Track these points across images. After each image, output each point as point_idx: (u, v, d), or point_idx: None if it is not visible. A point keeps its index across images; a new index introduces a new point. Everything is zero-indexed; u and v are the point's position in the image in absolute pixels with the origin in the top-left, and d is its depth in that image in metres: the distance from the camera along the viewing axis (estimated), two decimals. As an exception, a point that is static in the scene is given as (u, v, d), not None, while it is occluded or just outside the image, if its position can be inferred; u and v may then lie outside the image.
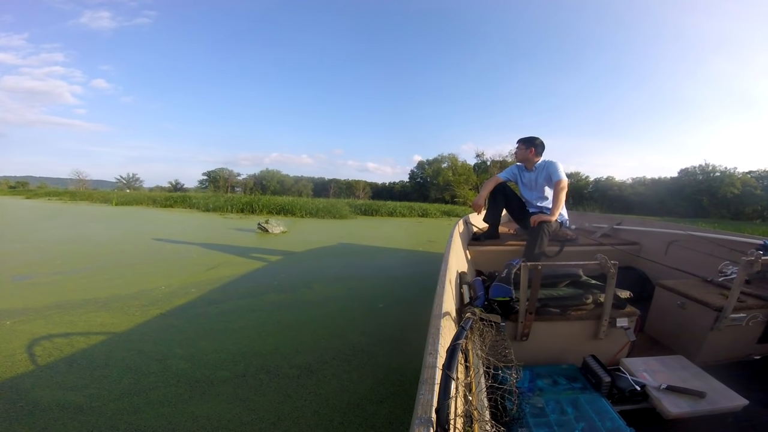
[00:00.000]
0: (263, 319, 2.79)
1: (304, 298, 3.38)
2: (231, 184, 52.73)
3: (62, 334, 2.35)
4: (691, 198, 35.12)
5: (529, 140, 2.60)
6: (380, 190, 53.92)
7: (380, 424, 1.58)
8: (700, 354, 1.48)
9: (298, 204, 15.90)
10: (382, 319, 2.92)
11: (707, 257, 2.10)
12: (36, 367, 1.94)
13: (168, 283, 3.65)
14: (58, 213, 12.27)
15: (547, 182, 2.56)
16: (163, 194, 21.46)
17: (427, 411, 0.51)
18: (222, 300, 3.20)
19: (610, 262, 1.33)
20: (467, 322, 0.85)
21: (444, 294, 1.00)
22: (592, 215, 4.33)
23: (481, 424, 0.65)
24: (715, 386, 1.19)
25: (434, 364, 0.62)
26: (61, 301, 3.01)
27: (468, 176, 37.96)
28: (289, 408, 1.67)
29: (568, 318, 1.41)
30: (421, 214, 18.71)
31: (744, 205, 33.82)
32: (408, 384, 1.91)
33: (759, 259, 1.42)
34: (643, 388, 1.17)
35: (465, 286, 1.48)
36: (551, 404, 1.10)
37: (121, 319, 2.66)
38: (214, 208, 15.71)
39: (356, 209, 17.56)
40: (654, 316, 1.78)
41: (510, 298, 1.36)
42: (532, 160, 2.60)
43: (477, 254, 2.52)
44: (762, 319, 1.49)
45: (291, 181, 55.68)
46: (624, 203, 36.66)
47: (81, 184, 45.10)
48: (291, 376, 1.95)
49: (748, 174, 35.58)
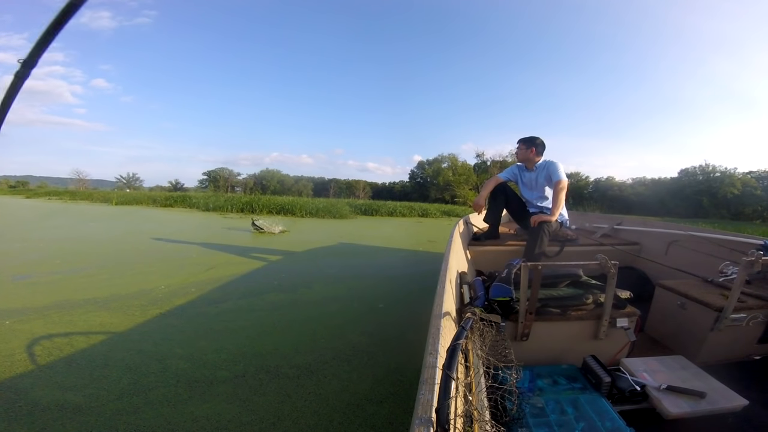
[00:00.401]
0: (263, 318, 2.79)
1: (304, 298, 3.37)
2: (231, 184, 52.73)
3: (61, 334, 2.35)
4: (691, 198, 35.13)
5: (529, 140, 2.59)
6: (380, 190, 53.92)
7: (380, 425, 1.58)
8: (701, 354, 1.48)
9: (299, 204, 15.91)
10: (383, 319, 2.92)
11: (707, 257, 2.09)
12: (35, 366, 1.93)
13: (168, 283, 3.65)
14: (58, 212, 12.27)
15: (547, 182, 2.56)
16: (163, 194, 21.46)
17: (427, 411, 0.51)
18: (222, 300, 3.19)
19: (610, 263, 1.33)
20: (467, 322, 0.85)
21: (444, 294, 1.00)
22: (592, 215, 4.33)
23: (481, 424, 0.65)
24: (715, 386, 1.19)
25: (434, 364, 0.62)
26: (61, 300, 3.01)
27: (468, 176, 37.95)
28: (288, 408, 1.66)
29: (568, 318, 1.40)
30: (421, 214, 18.72)
31: (744, 206, 33.83)
32: (408, 384, 1.91)
33: (759, 259, 1.41)
34: (643, 388, 1.17)
35: (465, 286, 1.48)
36: (551, 404, 1.10)
37: (121, 318, 2.66)
38: (214, 208, 15.72)
39: (356, 209, 17.57)
40: (654, 317, 1.78)
41: (510, 298, 1.36)
42: (532, 160, 2.60)
43: (477, 254, 2.52)
44: (762, 319, 1.49)
45: (291, 180, 55.66)
46: (624, 203, 36.68)
47: (81, 184, 45.12)
48: (291, 376, 1.95)
49: (749, 174, 35.59)
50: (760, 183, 34.90)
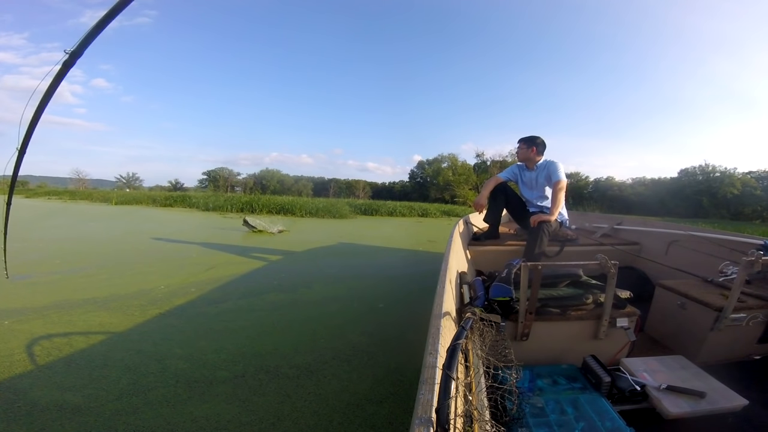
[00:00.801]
0: (263, 318, 2.79)
1: (304, 298, 3.37)
2: (231, 184, 52.70)
3: (61, 334, 2.35)
4: (691, 198, 35.13)
5: (530, 139, 2.59)
6: (380, 190, 53.88)
7: (380, 425, 1.57)
8: (700, 354, 1.48)
9: (298, 203, 15.91)
10: (383, 319, 2.92)
11: (707, 257, 2.09)
12: (34, 367, 1.93)
13: (167, 283, 3.65)
14: (58, 212, 12.27)
15: (547, 182, 2.56)
16: (162, 194, 21.46)
17: (427, 411, 0.51)
18: (221, 300, 3.19)
19: (610, 262, 1.33)
20: (467, 322, 0.85)
21: (444, 294, 1.00)
22: (592, 215, 4.33)
23: (481, 424, 0.65)
24: (715, 386, 1.19)
25: (434, 364, 0.62)
26: (60, 300, 3.00)
27: (468, 176, 37.95)
28: (288, 408, 1.66)
29: (568, 318, 1.40)
30: (421, 213, 18.72)
31: (744, 206, 33.83)
32: (408, 384, 1.91)
33: (759, 259, 1.41)
34: (643, 388, 1.17)
35: (465, 286, 1.48)
36: (551, 404, 1.10)
37: (120, 318, 2.66)
38: (213, 208, 15.73)
39: (356, 209, 17.57)
40: (654, 316, 1.78)
41: (510, 298, 1.36)
42: (533, 160, 2.60)
43: (477, 254, 2.52)
44: (762, 319, 1.49)
45: (291, 180, 55.65)
46: (624, 203, 36.67)
47: (81, 184, 45.10)
48: (290, 376, 1.95)
49: (748, 174, 35.58)
50: (759, 183, 34.89)
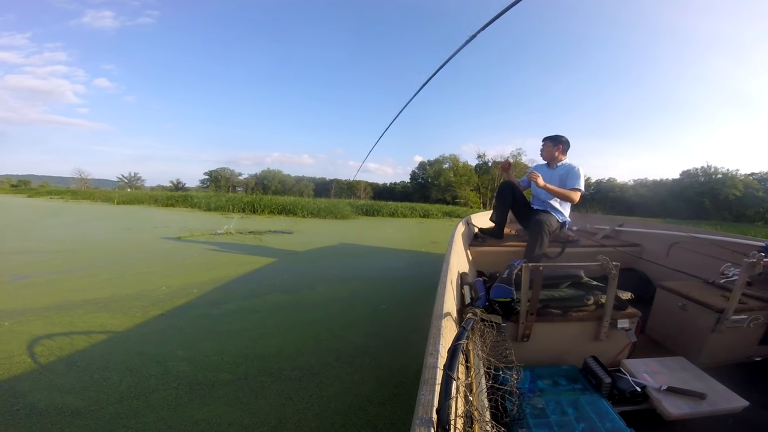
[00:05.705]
0: (265, 320, 2.79)
1: (306, 300, 3.37)
2: (232, 184, 52.82)
3: (61, 335, 2.34)
4: (692, 200, 35.02)
5: (556, 138, 2.58)
6: (381, 191, 53.93)
7: (382, 426, 1.57)
8: (701, 355, 1.48)
9: (300, 204, 15.92)
10: (385, 320, 2.92)
11: (709, 259, 2.09)
12: (34, 369, 1.93)
13: (169, 284, 3.65)
14: (59, 212, 12.29)
15: (561, 183, 2.52)
16: (164, 193, 21.50)
17: (427, 411, 0.51)
18: (223, 301, 3.19)
19: (611, 264, 1.33)
20: (468, 322, 0.85)
21: (445, 295, 1.00)
22: (593, 217, 4.33)
23: (481, 424, 0.65)
24: (715, 388, 1.19)
25: (435, 365, 0.62)
26: (61, 301, 3.00)
27: (469, 177, 37.92)
28: (290, 411, 1.66)
29: (569, 319, 1.40)
30: (422, 214, 18.72)
31: (746, 207, 33.72)
32: (410, 385, 1.90)
33: (761, 261, 1.41)
34: (643, 389, 1.17)
35: (466, 287, 1.48)
36: (552, 405, 1.10)
37: (122, 320, 2.66)
38: (215, 208, 15.74)
39: (358, 209, 17.58)
40: (655, 318, 1.77)
41: (511, 299, 1.37)
42: (557, 158, 2.59)
43: (478, 255, 2.52)
44: (763, 320, 1.49)
45: (292, 181, 55.78)
46: (625, 205, 36.60)
47: (83, 183, 45.31)
48: (293, 378, 1.95)
49: (751, 176, 35.50)
50: (762, 185, 34.79)
